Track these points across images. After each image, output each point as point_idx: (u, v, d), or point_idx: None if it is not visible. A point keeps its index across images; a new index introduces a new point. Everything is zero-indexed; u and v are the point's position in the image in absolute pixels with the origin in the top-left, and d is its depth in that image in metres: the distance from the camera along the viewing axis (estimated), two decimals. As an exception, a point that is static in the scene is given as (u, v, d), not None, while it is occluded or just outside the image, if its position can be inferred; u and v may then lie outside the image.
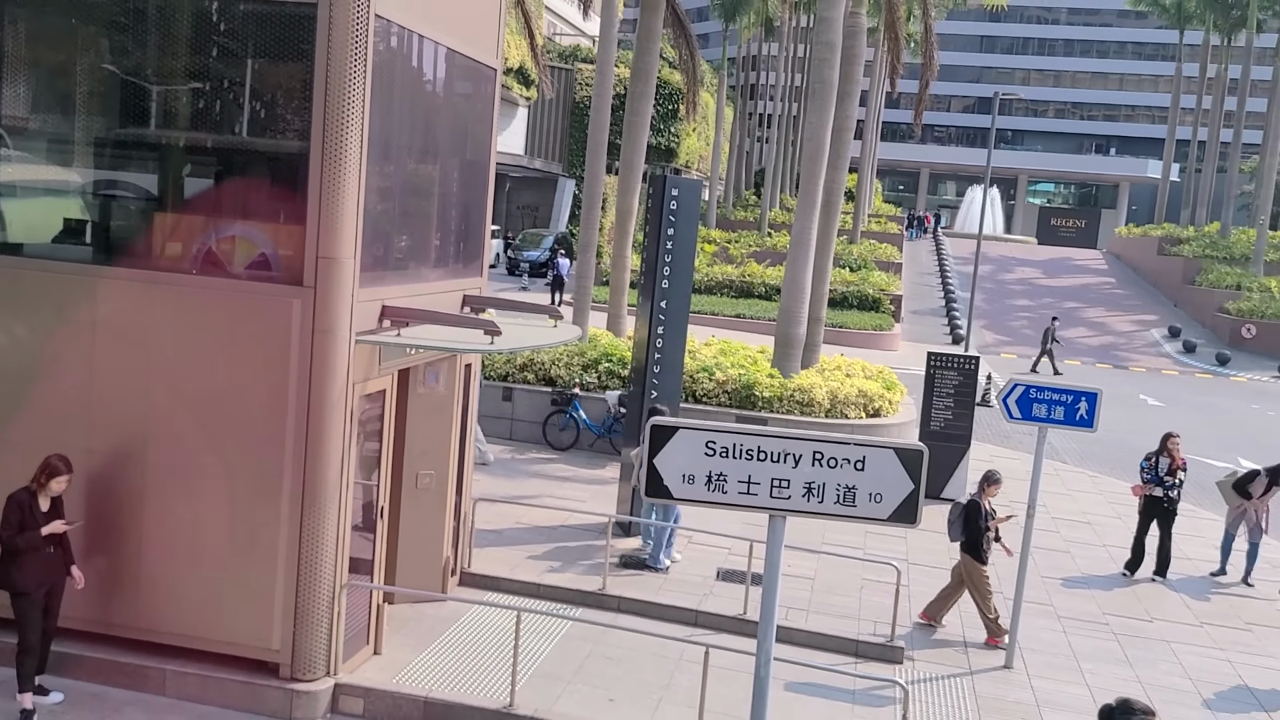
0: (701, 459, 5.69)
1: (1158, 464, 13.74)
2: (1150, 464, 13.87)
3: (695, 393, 17.43)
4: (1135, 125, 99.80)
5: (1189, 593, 13.26)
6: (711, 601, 11.14)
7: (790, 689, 9.36)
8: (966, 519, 11.11)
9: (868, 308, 39.85)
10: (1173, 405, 30.09)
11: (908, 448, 5.70)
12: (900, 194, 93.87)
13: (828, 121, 19.34)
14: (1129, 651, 11.16)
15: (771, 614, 5.77)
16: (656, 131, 47.22)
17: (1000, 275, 56.95)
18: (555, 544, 12.50)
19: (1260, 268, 49.42)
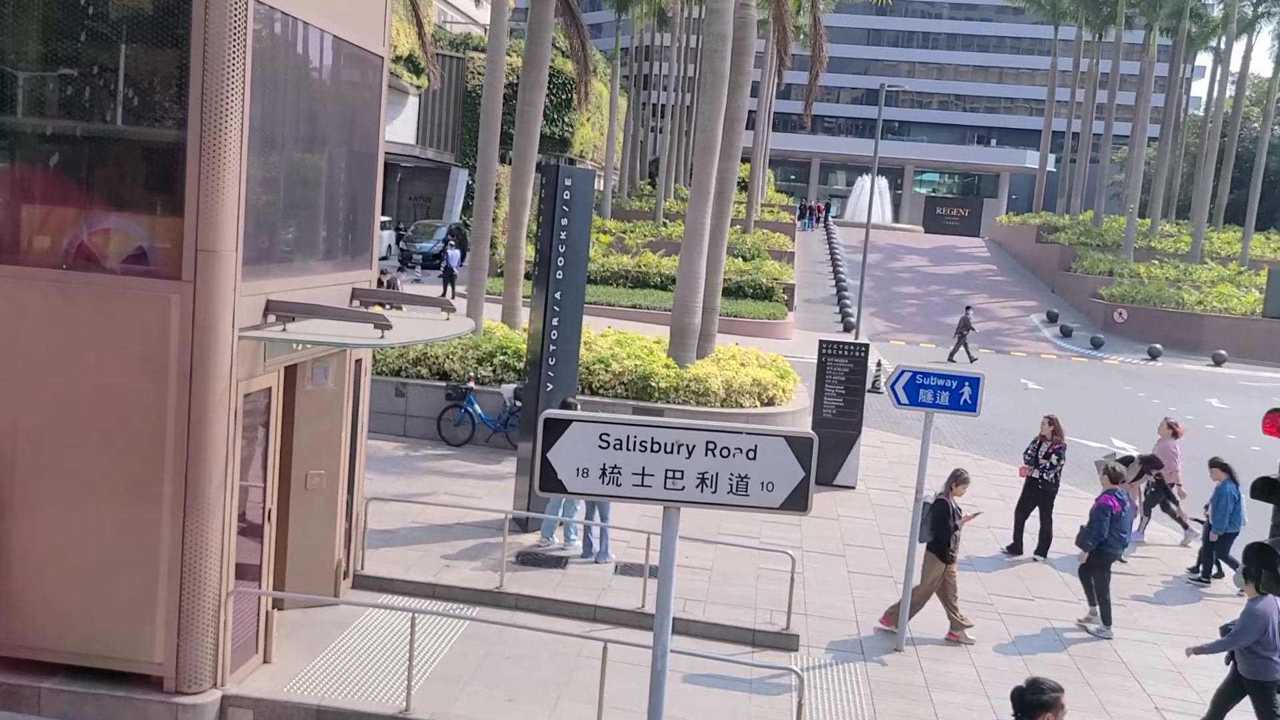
0: (595, 451, 5.66)
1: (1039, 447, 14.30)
2: (1034, 446, 14.41)
3: (592, 384, 17.39)
4: (1014, 117, 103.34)
5: (1069, 571, 13.77)
6: (610, 596, 11.14)
7: (689, 680, 9.42)
8: (936, 519, 10.96)
9: (761, 297, 40.35)
10: (1052, 388, 31.26)
11: (798, 436, 5.76)
12: (792, 184, 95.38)
13: (720, 112, 19.47)
14: (1013, 631, 11.55)
15: (667, 607, 5.77)
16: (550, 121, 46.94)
17: (889, 263, 58.35)
18: (451, 542, 12.33)
19: (1130, 254, 51.69)
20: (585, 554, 12.34)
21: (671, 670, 9.34)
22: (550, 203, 12.99)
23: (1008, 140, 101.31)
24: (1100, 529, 11.54)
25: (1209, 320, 44.23)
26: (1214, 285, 47.77)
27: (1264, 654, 8.68)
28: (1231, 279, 48.96)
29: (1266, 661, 8.69)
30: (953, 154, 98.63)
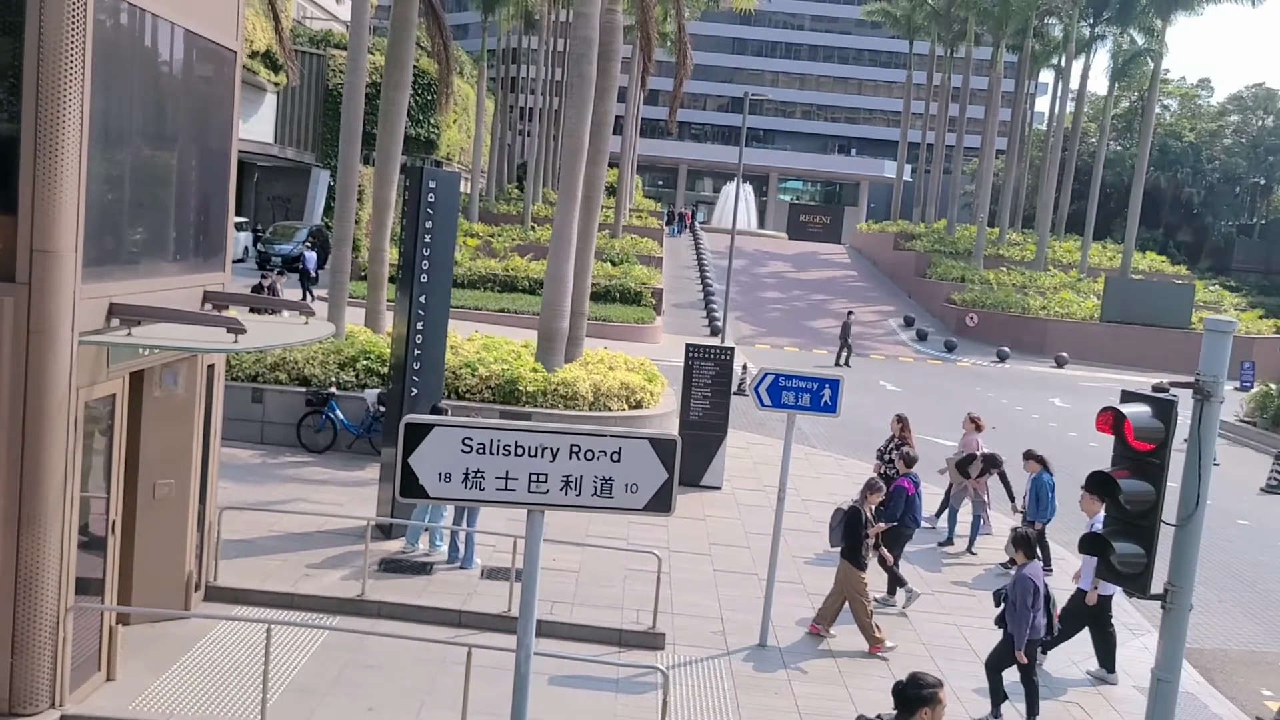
0: (458, 456, 5.61)
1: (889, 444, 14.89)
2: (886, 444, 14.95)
3: (458, 389, 17.18)
4: (873, 128, 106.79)
5: (922, 564, 14.31)
6: (476, 601, 11.03)
7: (555, 683, 9.41)
8: (848, 525, 11.06)
9: (630, 301, 40.61)
10: (908, 390, 32.42)
11: (662, 438, 5.84)
12: (660, 189, 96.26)
13: (587, 116, 19.52)
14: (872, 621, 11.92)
15: (531, 610, 5.76)
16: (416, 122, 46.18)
17: (755, 269, 59.52)
18: (311, 551, 12.00)
19: (981, 262, 54.05)
20: (451, 559, 12.19)
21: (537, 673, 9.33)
22: (415, 205, 12.79)
23: (867, 150, 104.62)
24: (896, 508, 12.25)
25: (1052, 324, 46.62)
26: (1056, 291, 50.41)
27: (1029, 614, 9.45)
28: (1072, 285, 51.74)
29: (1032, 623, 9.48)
30: (815, 162, 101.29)
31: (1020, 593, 9.47)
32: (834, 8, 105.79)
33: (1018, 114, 62.38)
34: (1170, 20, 53.22)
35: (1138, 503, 7.07)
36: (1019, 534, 10.11)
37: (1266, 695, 11.44)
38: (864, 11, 76.40)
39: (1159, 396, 7.10)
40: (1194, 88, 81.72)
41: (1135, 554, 7.05)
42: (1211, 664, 12.00)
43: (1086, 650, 11.75)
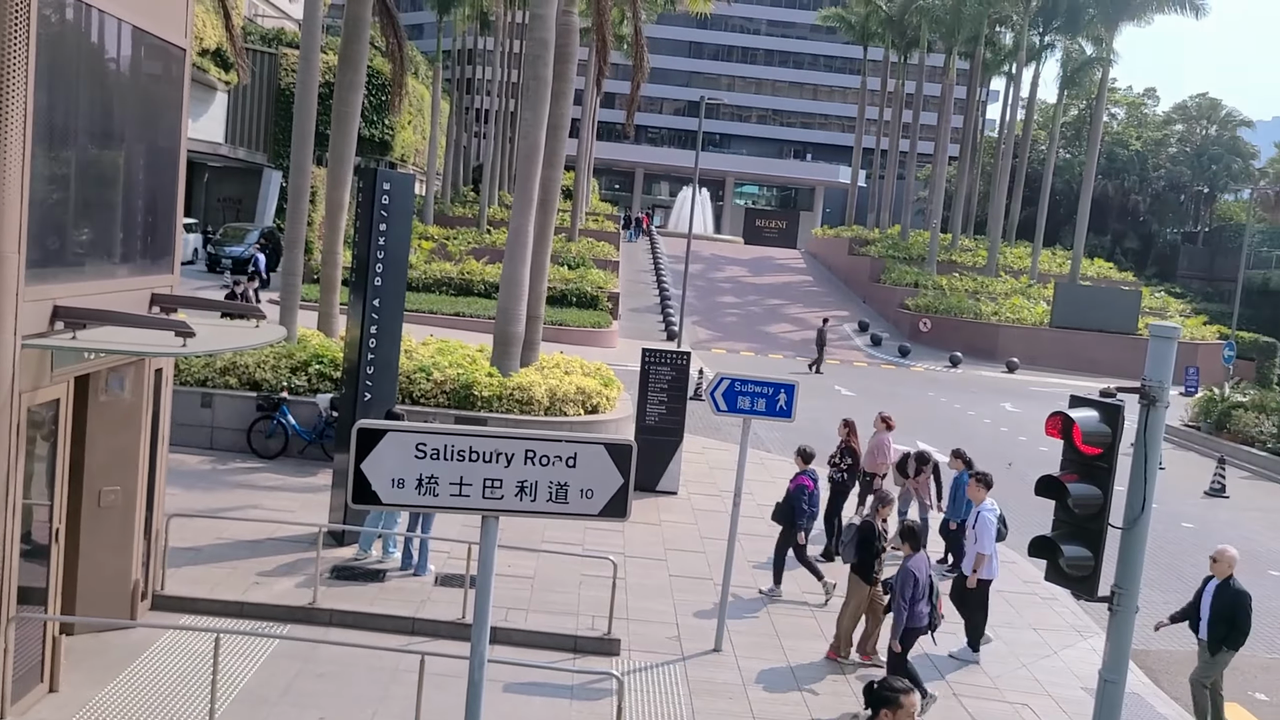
0: (412, 462, 5.56)
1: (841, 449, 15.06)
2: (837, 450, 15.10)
3: (412, 394, 17.04)
4: (828, 133, 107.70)
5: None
6: (429, 608, 10.93)
7: (509, 690, 9.34)
8: (861, 541, 10.93)
9: (586, 305, 40.56)
10: (863, 395, 32.68)
11: (617, 443, 5.83)
12: (617, 193, 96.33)
13: (543, 119, 19.47)
14: (824, 627, 11.98)
15: (486, 616, 5.71)
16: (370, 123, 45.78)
17: (711, 273, 59.72)
18: (261, 558, 11.82)
19: (934, 267, 54.68)
20: (404, 566, 12.07)
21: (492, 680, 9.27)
22: (369, 207, 12.67)
23: (822, 155, 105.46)
24: (799, 505, 12.49)
25: (1003, 330, 47.26)
26: (1008, 297, 51.12)
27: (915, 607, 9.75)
28: (1023, 291, 52.49)
29: (915, 610, 9.74)
30: (771, 167, 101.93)
31: (901, 583, 9.74)
32: (790, 13, 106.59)
33: (970, 121, 63.21)
34: (1117, 30, 54.19)
35: (1085, 506, 7.16)
36: (905, 526, 10.36)
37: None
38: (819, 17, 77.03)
39: (1106, 402, 7.21)
40: (1140, 97, 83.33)
41: (1083, 557, 7.15)
42: (1157, 665, 12.21)
43: (1035, 653, 11.91)
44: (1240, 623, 9.96)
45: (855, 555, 10.94)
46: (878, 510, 11.12)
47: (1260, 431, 27.40)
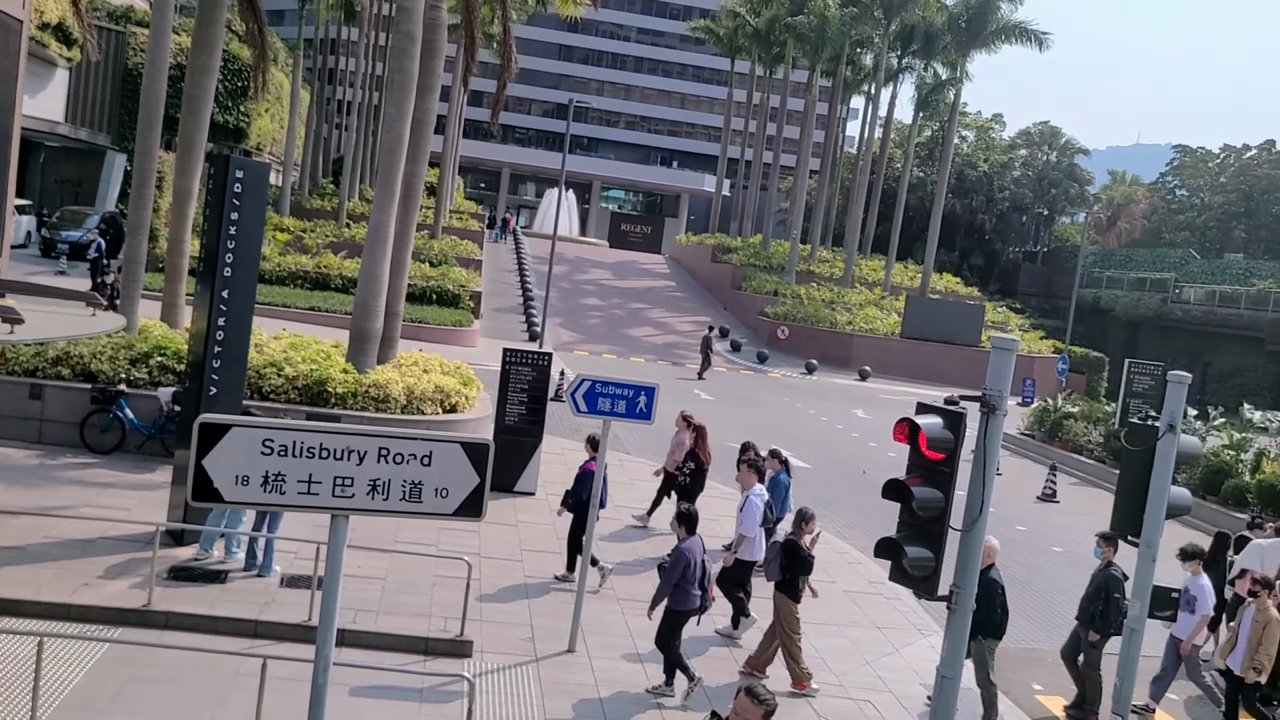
0: (257, 458, 5.36)
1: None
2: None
3: (262, 389, 16.45)
4: (695, 141, 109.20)
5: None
6: (274, 610, 10.55)
7: (357, 693, 9.11)
8: (786, 558, 10.80)
9: (448, 303, 39.98)
10: (722, 399, 33.22)
11: (474, 442, 5.75)
12: (482, 192, 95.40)
13: (407, 113, 19.11)
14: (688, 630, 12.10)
15: (332, 618, 5.55)
16: (224, 109, 44.02)
17: (575, 276, 59.73)
18: (93, 559, 11.20)
19: (793, 276, 56.07)
20: (248, 567, 11.63)
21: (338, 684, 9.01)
22: (219, 195, 12.18)
23: (688, 163, 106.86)
24: (582, 491, 12.76)
25: (857, 339, 48.82)
26: (862, 308, 52.85)
27: (686, 587, 10.08)
28: (876, 303, 54.36)
29: (686, 593, 10.10)
30: (638, 173, 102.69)
31: (672, 565, 10.05)
32: (660, 22, 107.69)
33: (831, 137, 65.11)
34: (969, 57, 56.72)
35: (928, 509, 7.45)
36: (681, 510, 10.63)
37: (1037, 689, 12.28)
38: (689, 27, 78.14)
39: (950, 409, 7.52)
40: (989, 121, 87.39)
41: (925, 558, 7.43)
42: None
43: (878, 650, 12.31)
44: (989, 612, 10.35)
45: (779, 573, 10.85)
46: (802, 527, 10.99)
47: (1089, 440, 29.06)
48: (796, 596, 10.89)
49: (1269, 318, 55.58)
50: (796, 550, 10.84)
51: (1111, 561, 11.44)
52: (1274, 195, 72.38)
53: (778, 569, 10.89)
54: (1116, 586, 11.26)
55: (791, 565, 10.80)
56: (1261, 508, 21.52)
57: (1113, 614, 11.16)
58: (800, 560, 10.81)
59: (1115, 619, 11.14)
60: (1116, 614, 11.12)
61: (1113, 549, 11.48)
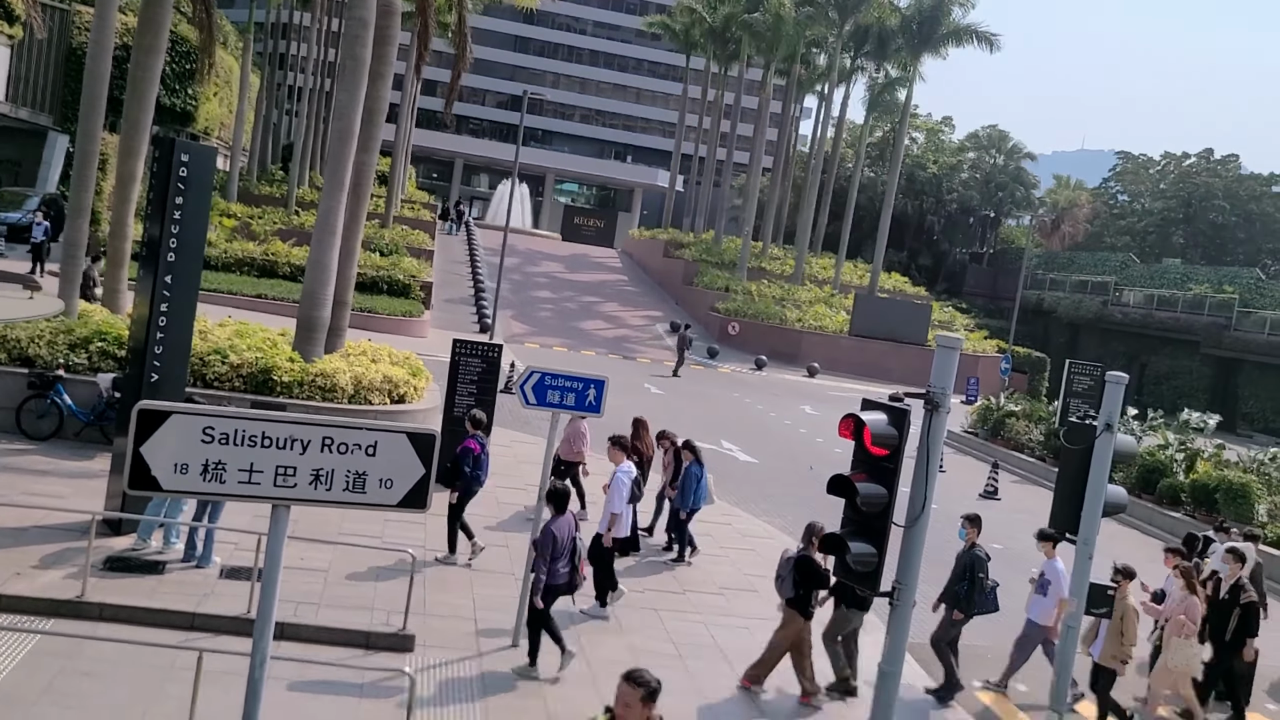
0: (197, 446, 5.27)
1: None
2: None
3: (206, 376, 16.18)
4: (649, 136, 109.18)
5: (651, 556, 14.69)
6: (212, 602, 10.38)
7: (295, 688, 8.99)
8: (799, 573, 10.56)
9: (398, 294, 39.64)
10: (671, 393, 33.31)
11: (420, 433, 5.69)
12: (435, 182, 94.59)
13: (359, 101, 18.88)
14: (623, 621, 12.13)
15: (270, 611, 5.48)
16: (171, 92, 43.15)
17: (527, 268, 59.49)
18: (25, 548, 10.94)
19: (744, 273, 56.34)
20: (187, 558, 11.43)
21: (277, 678, 8.91)
22: (164, 179, 11.97)
23: (642, 158, 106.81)
24: (464, 467, 12.90)
25: (806, 336, 49.19)
26: (811, 305, 53.26)
27: (554, 565, 10.23)
28: (825, 300, 54.80)
29: (555, 571, 10.21)
30: (592, 166, 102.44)
31: (542, 543, 10.18)
32: (617, 15, 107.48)
33: (784, 135, 65.47)
34: (920, 60, 57.33)
35: (872, 504, 7.53)
36: (552, 488, 10.72)
37: (976, 686, 12.46)
38: (645, 23, 78.06)
39: (894, 405, 7.60)
40: (939, 124, 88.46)
41: (868, 553, 7.51)
42: (929, 657, 12.91)
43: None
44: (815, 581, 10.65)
45: (792, 589, 10.66)
46: (812, 542, 10.71)
47: (1030, 439, 29.56)
48: (809, 614, 10.71)
49: (1204, 321, 56.91)
50: (811, 565, 10.59)
51: (975, 543, 11.84)
52: (1211, 202, 74.08)
53: (790, 585, 10.66)
54: (980, 566, 11.61)
55: (805, 581, 10.60)
56: (1194, 506, 22.06)
57: (975, 594, 11.53)
58: (815, 576, 10.60)
59: (978, 598, 11.57)
60: (979, 593, 11.52)
61: (976, 531, 11.99)
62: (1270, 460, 23.89)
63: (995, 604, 11.86)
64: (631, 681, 5.20)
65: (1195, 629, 11.35)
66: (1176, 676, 11.41)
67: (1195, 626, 11.34)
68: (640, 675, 5.23)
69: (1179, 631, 11.27)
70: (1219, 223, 73.81)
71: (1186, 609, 11.37)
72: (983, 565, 11.63)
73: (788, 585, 10.70)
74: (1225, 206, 73.60)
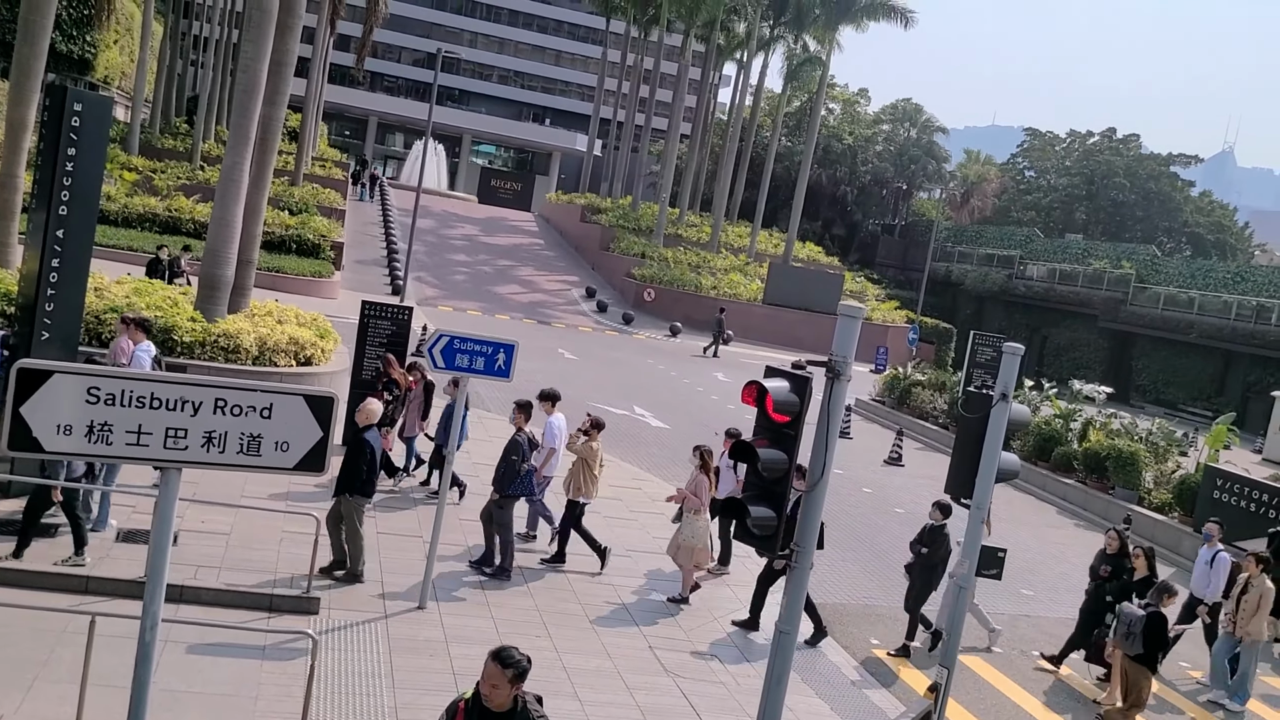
0: (82, 407, 5.12)
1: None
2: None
3: (101, 335, 15.68)
4: (568, 100, 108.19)
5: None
6: (108, 565, 10.16)
7: (195, 651, 8.86)
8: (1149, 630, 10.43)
9: (308, 253, 38.76)
10: (585, 359, 33.32)
11: (318, 395, 5.63)
12: (348, 140, 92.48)
13: (265, 53, 18.36)
14: (531, 584, 12.20)
15: (161, 573, 5.38)
16: (68, 38, 41.32)
17: (443, 230, 58.68)
18: (-93, 510, 10.53)
19: (661, 240, 56.42)
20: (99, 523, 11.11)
21: (175, 641, 8.79)
22: (55, 129, 11.50)
23: (561, 122, 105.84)
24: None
25: (721, 303, 49.55)
26: (727, 273, 53.62)
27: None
28: (741, 269, 55.22)
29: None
30: (509, 129, 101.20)
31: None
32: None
33: (702, 102, 65.49)
34: (838, 31, 57.79)
35: (773, 470, 7.66)
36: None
37: (875, 644, 12.86)
38: (565, -16, 77.15)
39: (796, 373, 7.74)
40: (855, 95, 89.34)
41: (768, 517, 7.65)
42: (831, 617, 13.27)
43: (728, 607, 12.66)
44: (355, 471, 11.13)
45: (1142, 645, 10.52)
46: (1162, 599, 10.67)
47: (934, 407, 30.35)
48: (1155, 670, 10.66)
49: (1102, 296, 58.85)
50: (1162, 625, 10.50)
51: (522, 429, 12.65)
52: (1113, 180, 76.38)
53: (1139, 641, 10.50)
54: (515, 449, 12.33)
55: (1154, 640, 10.52)
56: (1086, 474, 22.94)
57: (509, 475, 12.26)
58: (1163, 639, 10.60)
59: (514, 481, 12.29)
60: (514, 475, 12.23)
61: (524, 417, 12.83)
62: (1157, 429, 24.93)
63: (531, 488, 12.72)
64: (499, 661, 5.20)
65: (702, 504, 12.53)
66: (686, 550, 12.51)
67: (700, 501, 12.55)
68: (510, 655, 5.23)
69: (691, 507, 12.65)
70: (1119, 200, 76.19)
71: (696, 487, 12.70)
72: (518, 449, 12.32)
73: (1135, 642, 10.60)
74: (1126, 184, 75.98)
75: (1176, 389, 54.10)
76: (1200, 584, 13.62)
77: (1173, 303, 55.57)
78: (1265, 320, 50.44)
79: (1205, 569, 13.58)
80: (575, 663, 10.23)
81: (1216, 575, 13.43)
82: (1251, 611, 12.36)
